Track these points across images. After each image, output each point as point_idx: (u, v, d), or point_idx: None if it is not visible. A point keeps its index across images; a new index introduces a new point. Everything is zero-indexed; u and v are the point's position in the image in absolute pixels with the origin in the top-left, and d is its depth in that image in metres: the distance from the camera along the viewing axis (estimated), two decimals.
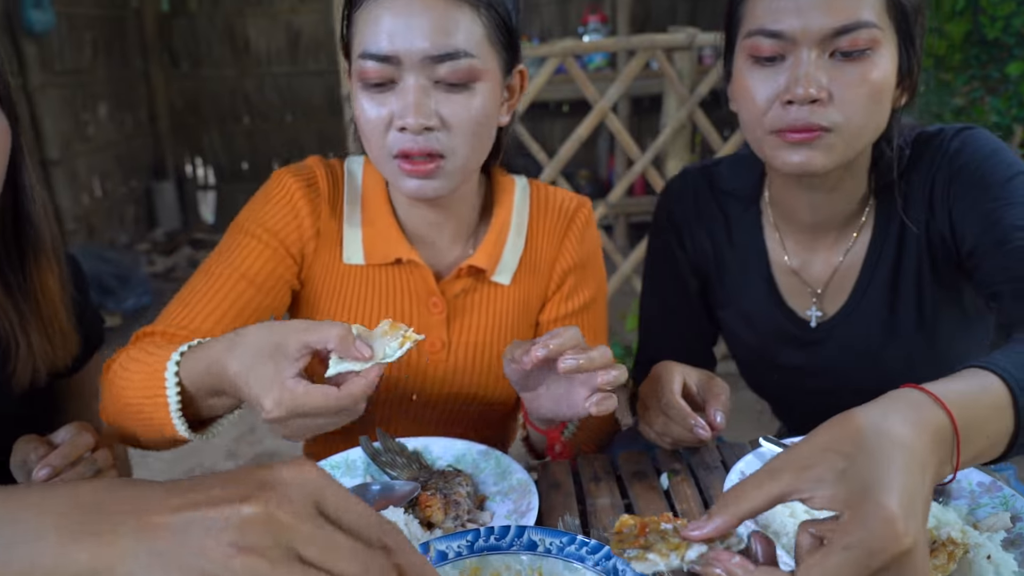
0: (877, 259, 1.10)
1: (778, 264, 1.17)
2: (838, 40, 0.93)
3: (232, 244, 1.05)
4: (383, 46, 0.91)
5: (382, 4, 0.91)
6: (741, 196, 1.19)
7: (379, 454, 0.94)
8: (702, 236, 1.22)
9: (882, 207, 1.09)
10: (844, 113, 0.94)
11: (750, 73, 0.99)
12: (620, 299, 3.28)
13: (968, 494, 0.82)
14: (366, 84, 0.94)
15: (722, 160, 1.25)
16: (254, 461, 2.91)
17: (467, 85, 0.93)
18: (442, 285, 1.09)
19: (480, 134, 0.97)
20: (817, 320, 1.14)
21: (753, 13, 0.98)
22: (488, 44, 0.94)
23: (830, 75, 0.94)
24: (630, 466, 0.97)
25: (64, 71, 4.93)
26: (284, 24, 6.00)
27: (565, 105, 5.93)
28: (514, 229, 1.12)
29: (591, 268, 1.17)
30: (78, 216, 4.87)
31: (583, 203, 1.16)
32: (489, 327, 1.12)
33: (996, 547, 0.72)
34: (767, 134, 0.99)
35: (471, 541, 0.69)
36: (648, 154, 2.93)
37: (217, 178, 6.38)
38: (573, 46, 2.76)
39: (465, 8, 0.92)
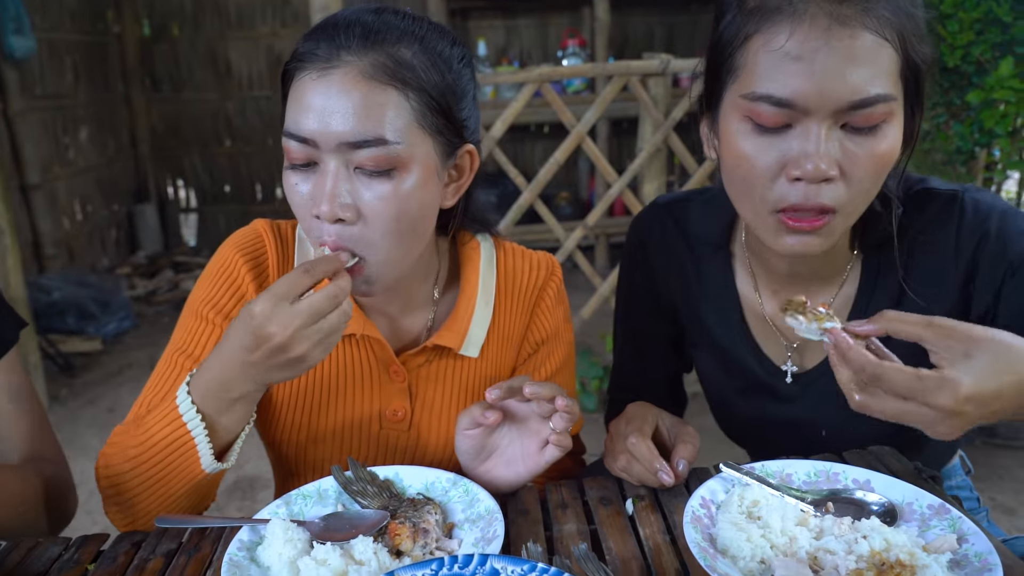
0: (863, 315, 1.00)
1: (751, 309, 1.13)
2: (852, 114, 0.84)
3: (185, 328, 1.05)
4: (302, 127, 0.87)
5: (305, 83, 0.88)
6: (710, 240, 1.13)
7: (350, 483, 0.96)
8: (672, 276, 1.17)
9: (870, 262, 1.05)
10: (851, 191, 0.87)
11: (747, 140, 0.89)
12: (599, 319, 3.32)
13: (919, 517, 0.85)
14: (292, 164, 0.91)
15: (693, 198, 1.18)
16: (234, 487, 2.91)
17: (389, 173, 0.88)
18: (403, 357, 1.06)
19: (405, 227, 0.91)
20: (793, 375, 1.11)
21: (754, 70, 0.87)
22: (418, 129, 0.89)
23: (841, 149, 0.86)
24: (596, 492, 0.99)
25: (45, 95, 4.93)
26: (265, 47, 6.04)
27: (546, 127, 5.99)
28: (481, 299, 1.08)
29: (562, 334, 1.16)
30: (58, 240, 4.85)
31: (553, 271, 1.13)
32: (455, 396, 1.10)
33: (942, 568, 0.75)
34: (769, 213, 0.90)
35: (435, 570, 0.71)
36: (624, 177, 2.98)
37: (199, 201, 6.38)
38: (550, 72, 2.81)
39: (390, 92, 0.87)
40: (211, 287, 1.05)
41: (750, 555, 0.80)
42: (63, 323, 4.22)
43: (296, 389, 1.08)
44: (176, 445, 0.92)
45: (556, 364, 1.15)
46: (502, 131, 2.85)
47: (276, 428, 1.11)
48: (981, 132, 2.36)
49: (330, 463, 1.10)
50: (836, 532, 0.82)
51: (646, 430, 0.99)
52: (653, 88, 2.98)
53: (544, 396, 0.91)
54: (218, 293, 1.04)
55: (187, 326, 1.06)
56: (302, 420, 1.09)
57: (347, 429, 1.10)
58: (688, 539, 0.79)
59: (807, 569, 0.76)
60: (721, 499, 0.89)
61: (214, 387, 0.90)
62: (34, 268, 4.63)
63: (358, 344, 1.07)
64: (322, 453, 1.12)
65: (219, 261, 1.06)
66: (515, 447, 0.98)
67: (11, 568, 0.90)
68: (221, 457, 0.94)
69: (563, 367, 1.17)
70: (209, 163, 6.28)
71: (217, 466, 0.93)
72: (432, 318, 1.10)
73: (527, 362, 1.15)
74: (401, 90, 0.88)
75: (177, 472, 0.93)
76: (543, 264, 1.13)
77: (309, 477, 1.11)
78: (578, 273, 4.88)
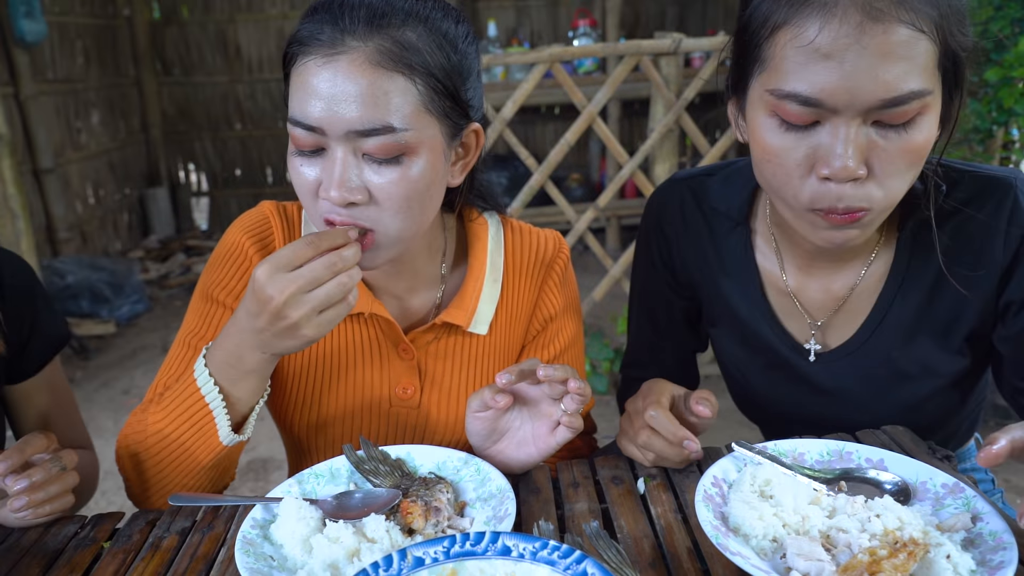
0: (895, 296, 1.03)
1: (773, 285, 1.11)
2: (884, 112, 0.81)
3: (196, 312, 1.06)
4: (309, 115, 0.86)
5: (309, 69, 0.86)
6: (730, 215, 1.12)
7: (362, 462, 0.97)
8: (690, 251, 1.16)
9: (904, 241, 1.02)
10: (884, 187, 0.85)
11: (774, 135, 0.87)
12: (611, 302, 3.32)
13: (933, 496, 0.85)
14: (299, 149, 0.90)
15: (714, 172, 1.16)
16: (247, 468, 2.93)
17: (398, 159, 0.88)
18: (412, 335, 1.07)
19: (414, 206, 0.91)
20: (816, 353, 1.09)
21: (782, 65, 0.84)
22: (425, 113, 0.88)
23: (870, 145, 0.83)
24: (607, 471, 0.99)
25: (56, 79, 4.95)
26: (275, 30, 6.03)
27: (556, 108, 5.97)
28: (489, 276, 1.08)
29: (571, 311, 1.17)
30: (72, 224, 4.88)
31: (560, 247, 1.14)
32: (464, 373, 1.10)
33: (956, 547, 0.74)
34: (804, 210, 0.89)
35: (447, 547, 0.71)
36: (636, 158, 2.96)
37: (210, 184, 6.40)
38: (560, 52, 2.79)
39: (397, 78, 0.85)
40: (220, 270, 1.05)
41: (762, 533, 0.80)
42: (77, 306, 4.25)
43: (306, 367, 1.09)
44: (196, 418, 0.94)
45: (565, 341, 1.16)
46: (512, 112, 2.83)
47: (288, 406, 1.12)
48: (999, 110, 2.33)
49: (341, 442, 1.11)
50: (849, 511, 0.82)
51: (663, 402, 0.97)
52: (665, 68, 2.96)
53: (557, 379, 0.90)
54: (227, 275, 1.05)
55: (198, 309, 1.07)
56: (312, 398, 1.10)
57: (357, 407, 1.10)
58: (700, 517, 0.79)
59: (819, 547, 0.76)
60: (733, 478, 0.89)
61: (229, 359, 0.92)
62: (48, 252, 4.67)
63: (366, 323, 1.07)
64: (333, 432, 1.12)
65: (227, 244, 1.06)
66: (526, 429, 0.98)
67: (29, 546, 0.91)
68: (238, 430, 0.97)
69: (572, 344, 1.17)
70: (220, 147, 6.30)
71: (234, 438, 0.96)
72: (440, 296, 1.10)
73: (536, 339, 1.15)
74: (408, 75, 0.86)
75: (197, 445, 0.95)
76: (550, 241, 1.13)
77: (321, 456, 1.12)
78: (589, 255, 4.88)
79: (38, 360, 1.14)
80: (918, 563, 0.73)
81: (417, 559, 0.70)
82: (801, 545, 0.76)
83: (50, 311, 1.15)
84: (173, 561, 0.86)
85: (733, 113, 0.98)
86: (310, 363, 1.09)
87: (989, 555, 0.74)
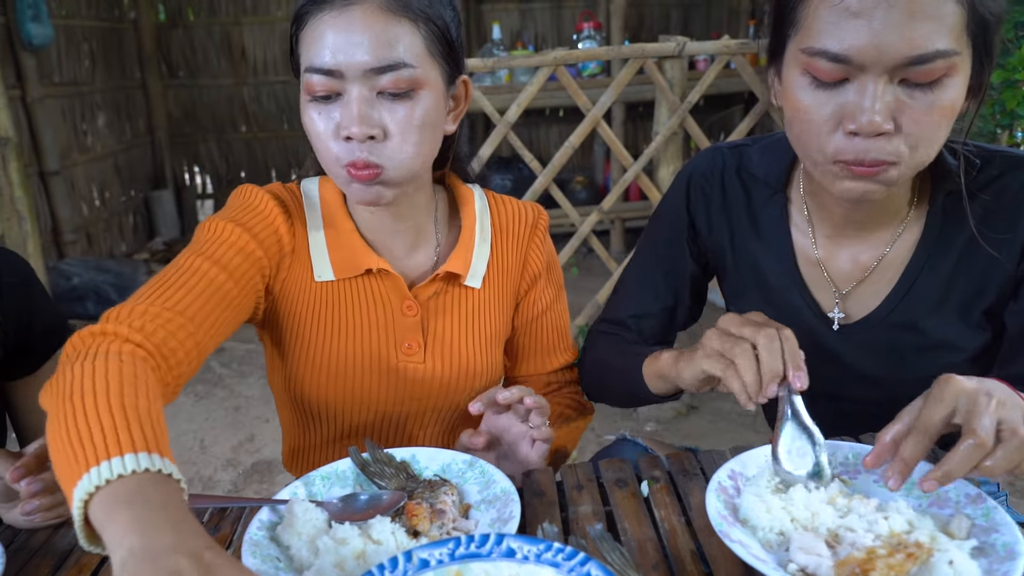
0: (923, 267, 1.06)
1: (803, 255, 1.13)
2: (910, 70, 0.85)
3: (205, 239, 1.02)
4: (327, 60, 0.95)
5: (324, 21, 0.95)
6: (768, 182, 1.14)
7: (368, 465, 0.97)
8: (724, 216, 1.18)
9: (935, 211, 1.05)
10: (910, 143, 0.88)
11: (805, 93, 0.92)
12: None
13: (954, 504, 0.85)
14: (313, 97, 0.98)
15: (755, 141, 1.19)
16: (252, 470, 2.94)
17: (409, 94, 0.97)
18: (414, 291, 1.13)
19: (424, 139, 1.00)
20: (840, 322, 1.11)
21: (814, 24, 0.89)
22: (428, 55, 0.99)
23: (897, 103, 0.87)
24: (612, 474, 0.99)
25: (63, 82, 4.97)
26: (280, 33, 6.05)
27: (561, 111, 5.97)
28: (479, 235, 1.17)
29: (554, 269, 1.27)
30: (78, 226, 4.90)
31: (541, 212, 1.24)
32: (463, 328, 1.17)
33: (963, 555, 0.74)
34: (828, 163, 0.93)
35: (452, 549, 0.72)
36: (640, 162, 2.97)
37: (215, 187, 6.42)
38: (565, 55, 2.80)
39: (404, 22, 0.96)
40: (242, 213, 1.06)
41: (768, 526, 0.80)
42: (83, 308, 4.26)
43: (313, 329, 1.11)
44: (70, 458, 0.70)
45: (551, 296, 1.27)
46: (517, 115, 2.84)
47: (294, 369, 1.13)
48: (1003, 113, 2.33)
49: (347, 404, 1.15)
50: (860, 511, 0.82)
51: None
52: (669, 71, 2.96)
53: (514, 399, 1.00)
54: (245, 214, 1.06)
55: (205, 233, 1.03)
56: (319, 360, 1.12)
57: (364, 367, 1.13)
58: (708, 506, 0.80)
59: (822, 543, 0.77)
60: (752, 474, 0.89)
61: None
62: (54, 254, 4.69)
63: (371, 282, 1.12)
64: (339, 394, 1.14)
65: (251, 196, 1.09)
66: (509, 461, 1.06)
67: (38, 547, 0.92)
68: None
69: (557, 298, 1.28)
70: (225, 149, 6.31)
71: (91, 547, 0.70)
72: (437, 253, 1.17)
73: (527, 295, 1.24)
74: (413, 21, 0.97)
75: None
76: (531, 208, 1.24)
77: (324, 422, 1.17)
78: (593, 257, 4.88)
79: (39, 356, 1.15)
80: (919, 566, 0.73)
81: (422, 561, 0.71)
82: (805, 540, 0.77)
83: (50, 308, 1.17)
84: None
85: (771, 78, 1.02)
86: (317, 325, 1.11)
87: (996, 565, 0.74)
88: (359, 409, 1.15)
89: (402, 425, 1.19)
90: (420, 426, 1.20)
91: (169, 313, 0.91)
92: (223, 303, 0.98)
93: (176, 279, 0.96)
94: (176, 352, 0.89)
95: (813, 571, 0.74)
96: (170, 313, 0.91)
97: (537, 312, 1.25)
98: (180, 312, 0.92)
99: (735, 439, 2.88)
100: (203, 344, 0.94)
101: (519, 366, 1.30)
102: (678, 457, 1.01)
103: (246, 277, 1.02)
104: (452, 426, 1.23)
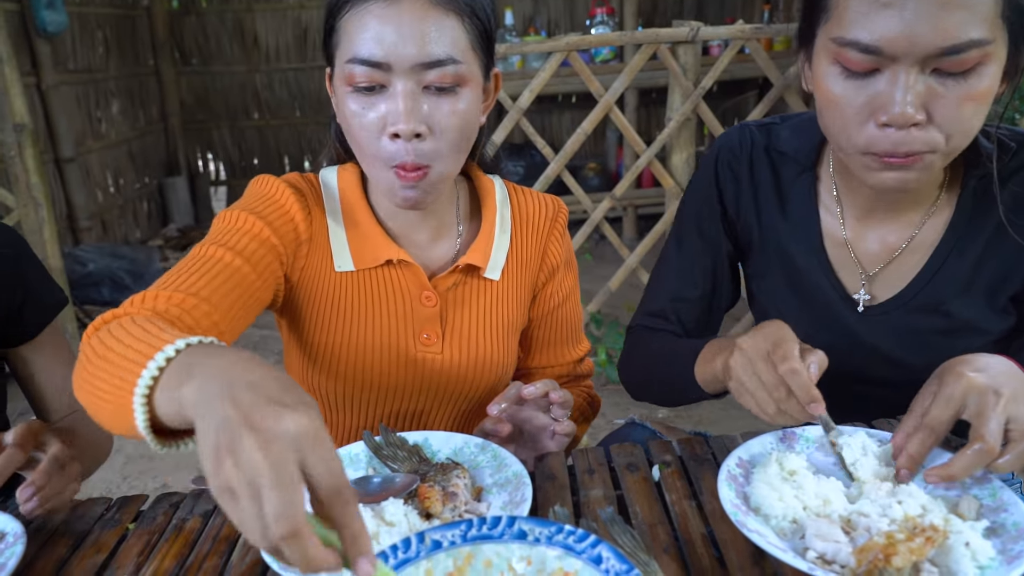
0: (952, 250, 1.04)
1: (830, 235, 1.12)
2: (943, 60, 0.83)
3: (222, 229, 1.02)
4: (374, 53, 0.93)
5: (371, 12, 0.93)
6: (798, 160, 1.13)
7: (381, 448, 0.98)
8: (751, 193, 1.16)
9: (966, 194, 1.03)
10: (945, 133, 0.87)
11: (835, 82, 0.91)
12: (626, 291, 3.31)
13: (959, 484, 0.85)
14: (355, 88, 0.96)
15: (785, 119, 1.18)
16: None
17: (454, 89, 0.96)
18: (433, 282, 1.12)
19: (465, 138, 1.00)
20: (865, 304, 1.10)
21: (844, 14, 0.87)
22: (471, 50, 0.98)
23: (929, 93, 0.85)
24: (623, 458, 1.00)
25: (77, 70, 4.99)
26: (292, 19, 6.04)
27: (573, 97, 5.94)
28: (499, 227, 1.16)
29: (571, 262, 1.27)
30: (92, 213, 4.94)
31: (561, 205, 1.23)
32: (481, 319, 1.16)
33: (977, 535, 0.74)
34: (859, 153, 0.92)
35: (464, 531, 0.72)
36: (653, 148, 2.95)
37: (228, 173, 6.44)
38: (578, 41, 2.78)
39: (452, 16, 0.95)
40: (252, 200, 1.06)
41: (782, 514, 0.80)
42: (98, 294, 4.30)
43: (332, 318, 1.11)
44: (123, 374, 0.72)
45: (567, 289, 1.26)
46: (529, 101, 2.83)
47: (312, 357, 1.13)
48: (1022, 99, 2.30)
49: (364, 394, 1.15)
50: (872, 496, 0.82)
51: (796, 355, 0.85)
52: (682, 56, 2.93)
53: (540, 394, 1.00)
54: (261, 204, 1.06)
55: (222, 223, 1.03)
56: (338, 349, 1.12)
57: (382, 357, 1.13)
58: (721, 495, 0.80)
59: (838, 529, 0.77)
60: (760, 461, 0.89)
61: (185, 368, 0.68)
62: (69, 240, 4.72)
63: (391, 272, 1.11)
64: (356, 383, 1.14)
65: (265, 186, 1.08)
66: (527, 444, 1.06)
67: (57, 526, 0.93)
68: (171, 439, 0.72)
69: (572, 292, 1.28)
70: (238, 136, 6.33)
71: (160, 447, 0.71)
72: (458, 244, 1.16)
73: (544, 288, 1.23)
74: (459, 15, 0.96)
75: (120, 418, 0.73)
76: (551, 201, 1.23)
77: (340, 410, 1.17)
78: (605, 244, 4.87)
79: (34, 325, 1.19)
80: (936, 549, 0.73)
81: (435, 542, 0.71)
82: (820, 526, 0.77)
83: (43, 278, 1.21)
84: (196, 543, 0.88)
85: (801, 63, 1.01)
86: (336, 314, 1.11)
87: (1010, 544, 0.74)
88: (375, 398, 1.16)
89: (417, 414, 1.19)
90: (434, 415, 1.20)
91: (182, 295, 0.90)
92: (240, 287, 0.97)
93: (194, 267, 0.96)
94: (193, 329, 0.90)
95: (832, 558, 0.74)
96: (183, 295, 0.90)
97: (554, 305, 1.25)
98: (195, 293, 0.91)
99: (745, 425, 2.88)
100: (221, 325, 0.93)
101: (532, 357, 1.30)
102: (689, 442, 1.02)
103: (263, 263, 1.02)
104: (467, 415, 1.23)
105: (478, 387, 1.19)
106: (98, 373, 0.76)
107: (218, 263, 0.97)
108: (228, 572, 0.83)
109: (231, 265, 0.97)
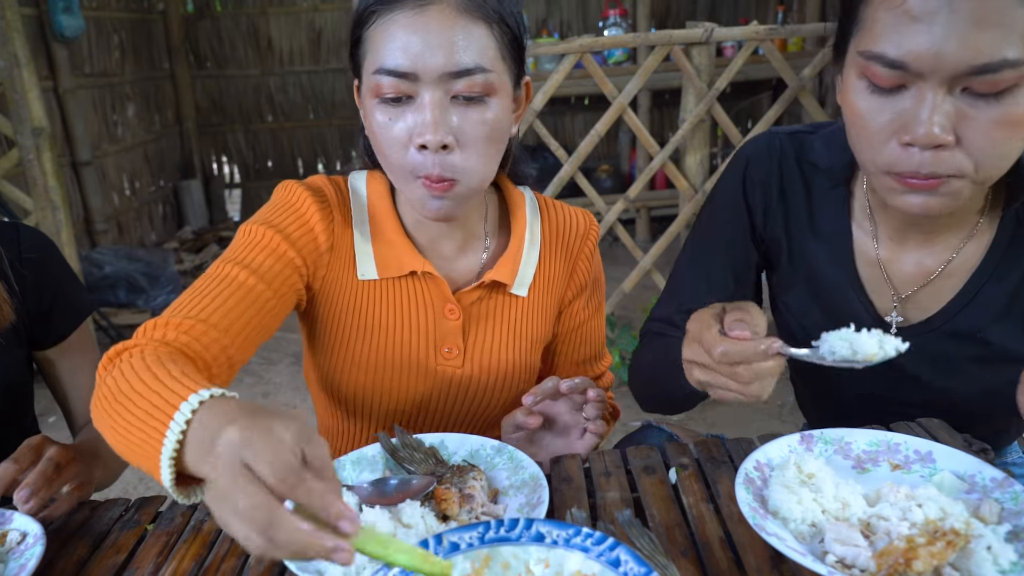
0: (991, 275, 1.00)
1: (862, 253, 1.07)
2: (973, 79, 0.79)
3: (238, 240, 1.03)
4: (401, 63, 0.91)
5: (398, 21, 0.91)
6: (832, 174, 1.07)
7: (397, 450, 0.98)
8: (781, 204, 1.11)
9: (1007, 220, 0.99)
10: (974, 158, 0.82)
11: (861, 97, 0.87)
12: (640, 293, 3.31)
13: (981, 488, 0.84)
14: (382, 99, 0.94)
15: (817, 128, 1.13)
16: None
17: (483, 99, 0.94)
18: (458, 295, 1.10)
19: (494, 148, 0.98)
20: (898, 325, 1.05)
21: (873, 27, 0.84)
22: (500, 59, 0.96)
23: (958, 114, 0.81)
24: (639, 461, 0.99)
25: (94, 73, 5.04)
26: (306, 23, 6.08)
27: (586, 99, 5.94)
28: (528, 242, 1.13)
29: (600, 280, 1.25)
30: (108, 216, 4.98)
31: (592, 222, 1.20)
32: (505, 333, 1.14)
33: (999, 539, 0.74)
34: (882, 173, 0.88)
35: (482, 533, 0.72)
36: (666, 150, 2.94)
37: (242, 176, 6.48)
38: (591, 43, 2.78)
39: (480, 23, 0.93)
40: (277, 214, 1.05)
41: (800, 518, 0.80)
42: (114, 296, 4.33)
43: (356, 329, 1.10)
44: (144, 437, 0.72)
45: (594, 306, 1.25)
46: (542, 103, 2.83)
47: (334, 368, 1.12)
48: None
49: (385, 405, 1.14)
50: (891, 499, 0.81)
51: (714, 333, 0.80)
52: (696, 58, 2.92)
53: (579, 390, 1.00)
54: (284, 221, 1.04)
55: (241, 238, 1.03)
56: (360, 359, 1.11)
57: (403, 368, 1.12)
58: (739, 499, 0.79)
59: (857, 533, 0.76)
60: (777, 464, 0.89)
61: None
62: (86, 243, 4.77)
63: (415, 283, 1.10)
64: (377, 394, 1.13)
65: (287, 194, 1.07)
66: (556, 443, 1.06)
67: (76, 527, 0.94)
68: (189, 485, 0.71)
69: (598, 309, 1.26)
70: (252, 139, 6.37)
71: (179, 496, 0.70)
72: (485, 258, 1.14)
73: (571, 304, 1.22)
74: (487, 22, 0.94)
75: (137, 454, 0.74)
76: (583, 216, 1.21)
77: (361, 420, 1.16)
78: (619, 246, 4.85)
79: (62, 329, 1.20)
80: (957, 553, 0.72)
81: (453, 544, 0.71)
82: (839, 530, 0.76)
83: (72, 283, 1.22)
84: (214, 544, 0.89)
85: (834, 75, 0.97)
86: (357, 322, 1.10)
87: None
88: (393, 408, 1.15)
89: (433, 426, 1.18)
90: (451, 427, 1.19)
91: (192, 321, 0.91)
92: (254, 307, 0.97)
93: (207, 288, 0.96)
94: (202, 355, 0.90)
95: (852, 562, 0.74)
96: (192, 321, 0.91)
97: (579, 322, 1.22)
98: (205, 320, 0.92)
99: (761, 428, 2.86)
100: (231, 350, 0.93)
101: (553, 372, 1.27)
102: (705, 444, 1.01)
103: (280, 278, 1.01)
104: (484, 429, 1.22)
105: (497, 402, 1.17)
106: (117, 419, 0.76)
107: (232, 283, 0.97)
108: (246, 573, 0.83)
109: (245, 285, 0.97)
